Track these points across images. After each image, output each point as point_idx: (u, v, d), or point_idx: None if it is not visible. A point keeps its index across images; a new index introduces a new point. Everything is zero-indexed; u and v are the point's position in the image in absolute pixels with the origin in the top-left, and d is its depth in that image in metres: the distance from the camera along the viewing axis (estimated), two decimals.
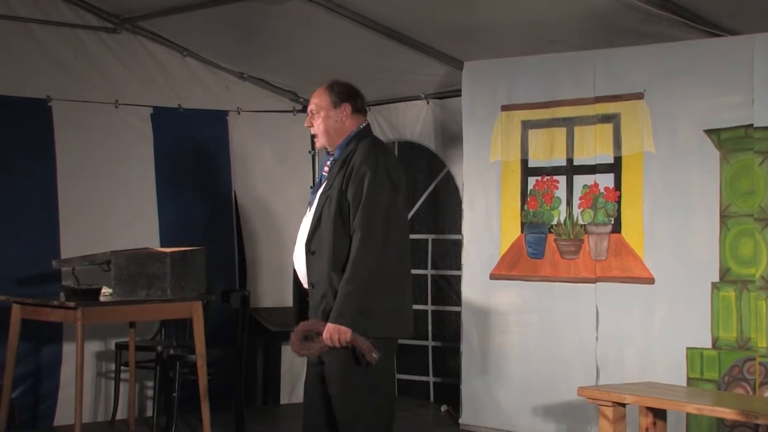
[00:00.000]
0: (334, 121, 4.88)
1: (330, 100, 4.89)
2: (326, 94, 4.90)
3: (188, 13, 7.64)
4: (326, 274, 4.68)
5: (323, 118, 4.88)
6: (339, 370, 4.71)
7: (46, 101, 7.82)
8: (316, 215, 4.78)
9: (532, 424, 7.30)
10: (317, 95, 4.92)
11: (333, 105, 4.88)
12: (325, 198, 4.77)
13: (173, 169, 8.37)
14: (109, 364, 8.04)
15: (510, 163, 7.51)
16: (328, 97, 4.89)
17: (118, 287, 7.03)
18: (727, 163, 6.56)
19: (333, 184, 4.77)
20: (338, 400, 4.74)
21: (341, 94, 4.90)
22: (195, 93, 8.56)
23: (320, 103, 4.89)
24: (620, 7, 6.48)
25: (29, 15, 7.78)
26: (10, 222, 7.62)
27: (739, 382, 6.47)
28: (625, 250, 6.97)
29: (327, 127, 4.88)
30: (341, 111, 4.89)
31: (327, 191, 4.78)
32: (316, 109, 4.89)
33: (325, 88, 4.93)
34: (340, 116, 4.88)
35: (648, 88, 6.91)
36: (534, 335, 7.35)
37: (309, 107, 4.94)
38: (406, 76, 8.23)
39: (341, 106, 4.89)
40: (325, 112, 4.88)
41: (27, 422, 7.65)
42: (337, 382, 4.72)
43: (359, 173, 4.71)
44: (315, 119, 4.89)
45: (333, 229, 4.71)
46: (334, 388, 4.73)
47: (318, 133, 4.90)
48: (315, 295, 4.74)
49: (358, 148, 4.80)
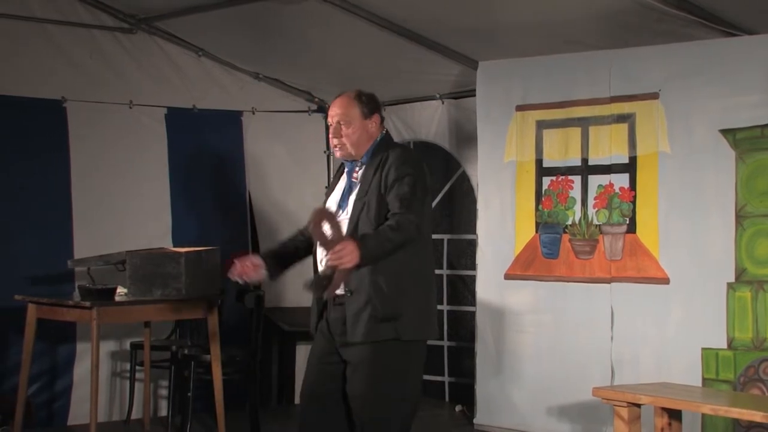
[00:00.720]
0: (365, 132, 4.85)
1: (361, 111, 4.85)
2: (356, 104, 4.86)
3: (204, 14, 7.66)
4: (368, 280, 4.64)
5: (355, 128, 4.83)
6: (371, 374, 4.68)
7: (60, 102, 7.84)
8: (353, 221, 4.73)
9: (546, 424, 7.29)
10: (345, 106, 4.86)
11: (363, 116, 4.85)
12: (362, 204, 4.74)
13: (187, 170, 8.39)
14: (124, 364, 8.06)
15: (525, 163, 7.50)
16: (358, 108, 4.85)
17: (133, 287, 7.04)
18: (743, 163, 6.54)
19: (370, 190, 4.74)
20: (366, 403, 4.70)
21: (370, 105, 4.88)
22: (210, 93, 8.57)
23: (351, 114, 4.84)
24: (636, 6, 6.46)
25: (45, 15, 7.80)
26: (24, 222, 7.65)
27: (754, 382, 6.45)
28: (640, 250, 6.95)
29: (359, 138, 4.84)
30: (372, 121, 4.86)
31: (363, 197, 4.74)
32: (347, 120, 4.83)
33: (353, 98, 4.88)
34: (371, 127, 4.86)
35: (663, 88, 6.89)
36: (549, 335, 7.35)
37: (335, 118, 4.85)
38: (421, 76, 8.23)
39: (372, 117, 4.87)
40: (356, 123, 4.84)
41: (43, 420, 7.67)
42: (367, 385, 4.69)
43: (401, 173, 4.69)
44: (345, 130, 4.84)
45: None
46: (363, 390, 4.70)
47: (348, 144, 4.83)
48: (354, 301, 4.68)
49: (392, 153, 4.78)
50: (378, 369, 4.68)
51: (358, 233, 4.66)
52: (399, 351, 4.70)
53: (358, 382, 4.71)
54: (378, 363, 4.68)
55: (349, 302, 4.69)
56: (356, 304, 4.67)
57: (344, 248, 4.46)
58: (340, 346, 4.77)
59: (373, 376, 4.68)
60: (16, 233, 7.61)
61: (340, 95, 4.93)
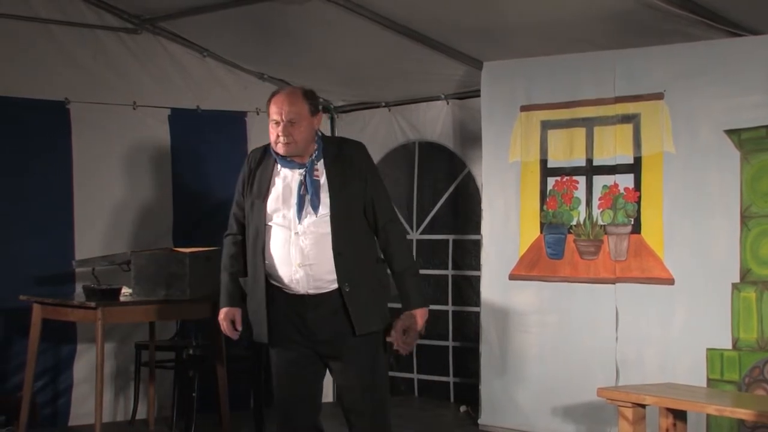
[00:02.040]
0: (312, 129, 4.89)
1: (308, 110, 4.88)
2: (304, 102, 4.87)
3: (208, 14, 7.65)
4: (368, 272, 4.87)
5: (304, 126, 4.84)
6: (367, 363, 4.90)
7: (64, 103, 7.84)
8: (338, 217, 4.81)
9: (551, 424, 7.29)
10: (294, 103, 4.84)
11: (311, 114, 4.88)
12: (344, 198, 4.82)
13: (190, 170, 8.38)
14: (128, 364, 8.06)
15: (529, 164, 7.50)
16: (306, 106, 4.87)
17: (138, 287, 7.05)
18: (748, 163, 6.53)
19: (346, 183, 4.84)
20: (367, 391, 4.90)
21: (315, 103, 4.92)
22: (214, 94, 8.57)
23: (301, 113, 4.84)
24: (640, 6, 6.45)
25: (49, 16, 7.80)
26: (27, 223, 7.65)
27: (759, 383, 6.44)
28: (644, 250, 6.94)
29: (307, 136, 4.86)
30: (317, 119, 4.92)
31: (341, 191, 4.83)
32: (297, 118, 4.83)
33: (300, 96, 4.88)
34: (316, 124, 4.92)
35: (668, 88, 6.89)
36: (553, 336, 7.34)
37: (285, 116, 4.83)
38: (426, 77, 8.23)
39: (317, 115, 4.92)
40: (305, 121, 4.85)
41: (47, 420, 7.68)
42: (366, 372, 4.89)
43: (371, 170, 4.95)
44: (295, 128, 4.83)
45: (360, 228, 4.87)
46: (362, 378, 4.88)
47: (298, 142, 4.83)
48: (357, 295, 4.83)
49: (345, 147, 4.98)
50: (372, 357, 4.91)
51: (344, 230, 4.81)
52: (380, 337, 4.93)
53: (354, 371, 4.88)
54: (373, 350, 4.91)
55: (350, 298, 4.81)
56: (360, 298, 4.83)
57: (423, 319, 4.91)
58: (322, 345, 4.87)
59: (369, 365, 4.90)
60: (18, 234, 7.61)
61: (285, 92, 4.92)
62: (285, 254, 4.83)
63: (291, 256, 4.82)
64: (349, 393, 4.92)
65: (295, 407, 4.97)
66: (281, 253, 4.84)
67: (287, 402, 4.99)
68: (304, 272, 4.82)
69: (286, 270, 4.83)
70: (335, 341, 4.86)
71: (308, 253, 4.81)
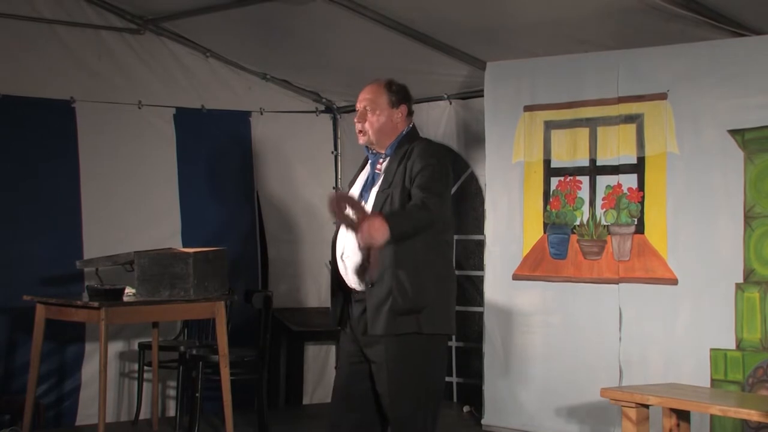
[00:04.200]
0: (390, 121, 4.79)
1: (388, 99, 4.79)
2: (384, 92, 4.80)
3: (212, 14, 7.66)
4: (391, 271, 4.58)
5: (379, 116, 4.77)
6: (395, 369, 4.63)
7: (69, 102, 7.86)
8: (377, 211, 4.63)
9: (554, 425, 7.28)
10: (373, 92, 4.81)
11: (391, 104, 4.79)
12: (385, 196, 4.68)
13: (196, 170, 8.40)
14: (132, 364, 8.07)
15: (533, 164, 7.50)
16: (386, 95, 4.80)
17: (141, 287, 7.06)
18: (752, 163, 6.53)
19: (393, 182, 4.69)
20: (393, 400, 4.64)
21: (399, 94, 4.82)
22: (218, 94, 8.58)
23: (377, 101, 4.78)
24: (644, 6, 6.45)
25: (54, 16, 7.82)
26: (33, 223, 7.67)
27: (763, 383, 6.44)
28: (648, 250, 6.94)
29: (382, 126, 4.77)
30: (399, 111, 4.81)
31: (386, 189, 4.70)
32: (372, 106, 4.78)
33: (382, 85, 4.82)
34: (397, 116, 4.81)
35: (672, 89, 6.89)
36: (556, 336, 7.34)
37: (362, 103, 4.80)
38: (429, 77, 8.22)
39: (399, 107, 4.81)
40: (382, 110, 4.78)
41: (51, 421, 7.69)
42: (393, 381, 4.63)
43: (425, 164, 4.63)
44: (369, 116, 4.78)
45: None
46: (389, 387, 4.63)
47: (370, 130, 4.78)
48: (376, 293, 4.61)
49: (416, 146, 4.74)
50: (402, 364, 4.63)
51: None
52: (421, 345, 4.65)
53: (384, 379, 4.65)
54: (401, 358, 4.62)
55: (370, 295, 4.62)
56: (377, 297, 4.60)
57: (373, 224, 4.37)
58: (364, 346, 4.71)
59: (398, 372, 4.63)
60: (24, 234, 7.63)
61: (372, 82, 4.87)
62: (338, 244, 4.75)
63: (339, 246, 4.73)
64: (382, 400, 4.70)
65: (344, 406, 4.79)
66: (337, 243, 4.76)
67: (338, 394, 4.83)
68: (345, 265, 4.70)
69: (337, 260, 4.76)
70: (369, 343, 4.68)
71: (347, 245, 4.67)
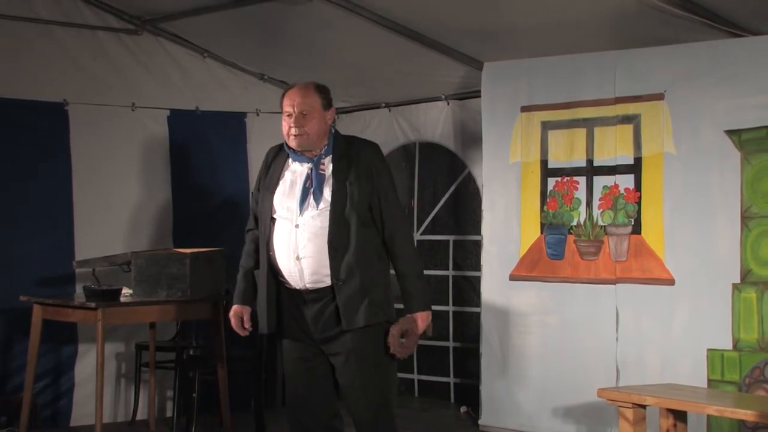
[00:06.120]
0: (325, 123, 4.94)
1: (321, 103, 4.93)
2: (317, 96, 4.93)
3: (209, 15, 7.66)
4: (362, 268, 4.79)
5: (318, 119, 4.90)
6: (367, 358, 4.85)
7: (62, 105, 7.84)
8: (336, 212, 4.81)
9: (551, 425, 7.28)
10: (307, 95, 4.92)
11: (323, 107, 4.93)
12: (344, 193, 4.82)
13: (189, 172, 8.38)
14: (128, 365, 8.06)
15: (530, 164, 7.50)
16: (319, 99, 4.93)
17: (138, 288, 7.06)
18: (749, 163, 6.53)
19: (350, 180, 4.83)
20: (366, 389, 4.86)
21: (327, 97, 4.97)
22: (214, 94, 8.57)
23: (313, 105, 4.91)
24: (641, 7, 6.45)
25: (50, 17, 7.80)
26: (26, 224, 7.65)
27: (760, 384, 6.44)
28: (645, 251, 6.94)
29: (320, 129, 4.92)
30: (329, 113, 4.96)
31: (343, 188, 4.82)
32: (309, 109, 4.90)
33: (313, 89, 4.95)
34: (329, 118, 4.95)
35: (669, 89, 6.89)
36: (554, 336, 7.34)
37: (298, 107, 4.90)
38: (427, 77, 8.23)
39: (330, 109, 4.96)
40: (317, 114, 4.91)
41: (47, 421, 7.68)
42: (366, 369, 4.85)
43: (378, 170, 4.90)
44: (307, 121, 4.89)
45: (361, 225, 4.82)
46: (361, 376, 4.84)
47: (309, 134, 4.89)
48: (346, 290, 4.79)
49: (356, 145, 4.96)
50: (373, 352, 4.85)
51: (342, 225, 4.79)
52: (381, 333, 4.86)
53: (354, 369, 4.84)
54: (373, 347, 4.84)
55: (340, 291, 4.79)
56: (349, 292, 4.79)
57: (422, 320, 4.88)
58: (322, 343, 4.87)
59: (371, 360, 4.85)
60: (18, 235, 7.61)
61: (299, 85, 4.99)
62: (285, 247, 4.87)
63: (290, 249, 4.85)
64: (348, 392, 4.89)
65: (305, 406, 4.97)
66: (283, 246, 4.88)
67: (297, 400, 4.99)
68: (301, 265, 4.83)
69: (286, 263, 4.87)
70: (333, 337, 4.85)
71: (305, 246, 4.82)
